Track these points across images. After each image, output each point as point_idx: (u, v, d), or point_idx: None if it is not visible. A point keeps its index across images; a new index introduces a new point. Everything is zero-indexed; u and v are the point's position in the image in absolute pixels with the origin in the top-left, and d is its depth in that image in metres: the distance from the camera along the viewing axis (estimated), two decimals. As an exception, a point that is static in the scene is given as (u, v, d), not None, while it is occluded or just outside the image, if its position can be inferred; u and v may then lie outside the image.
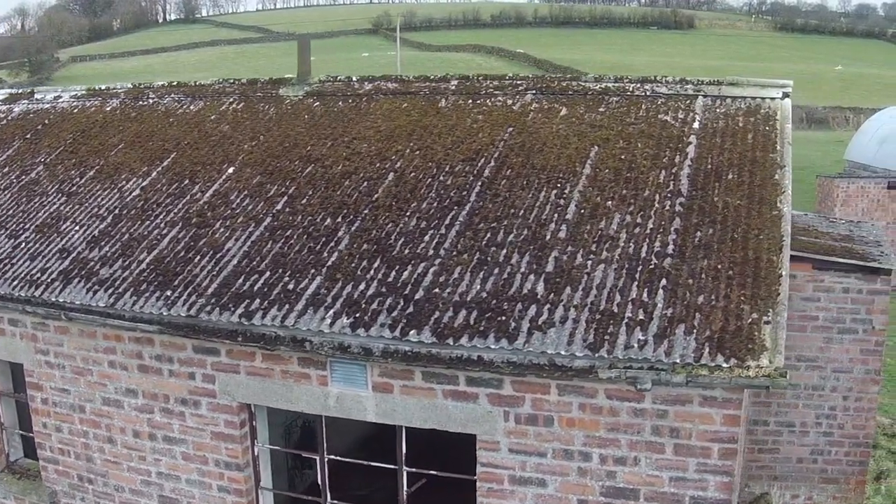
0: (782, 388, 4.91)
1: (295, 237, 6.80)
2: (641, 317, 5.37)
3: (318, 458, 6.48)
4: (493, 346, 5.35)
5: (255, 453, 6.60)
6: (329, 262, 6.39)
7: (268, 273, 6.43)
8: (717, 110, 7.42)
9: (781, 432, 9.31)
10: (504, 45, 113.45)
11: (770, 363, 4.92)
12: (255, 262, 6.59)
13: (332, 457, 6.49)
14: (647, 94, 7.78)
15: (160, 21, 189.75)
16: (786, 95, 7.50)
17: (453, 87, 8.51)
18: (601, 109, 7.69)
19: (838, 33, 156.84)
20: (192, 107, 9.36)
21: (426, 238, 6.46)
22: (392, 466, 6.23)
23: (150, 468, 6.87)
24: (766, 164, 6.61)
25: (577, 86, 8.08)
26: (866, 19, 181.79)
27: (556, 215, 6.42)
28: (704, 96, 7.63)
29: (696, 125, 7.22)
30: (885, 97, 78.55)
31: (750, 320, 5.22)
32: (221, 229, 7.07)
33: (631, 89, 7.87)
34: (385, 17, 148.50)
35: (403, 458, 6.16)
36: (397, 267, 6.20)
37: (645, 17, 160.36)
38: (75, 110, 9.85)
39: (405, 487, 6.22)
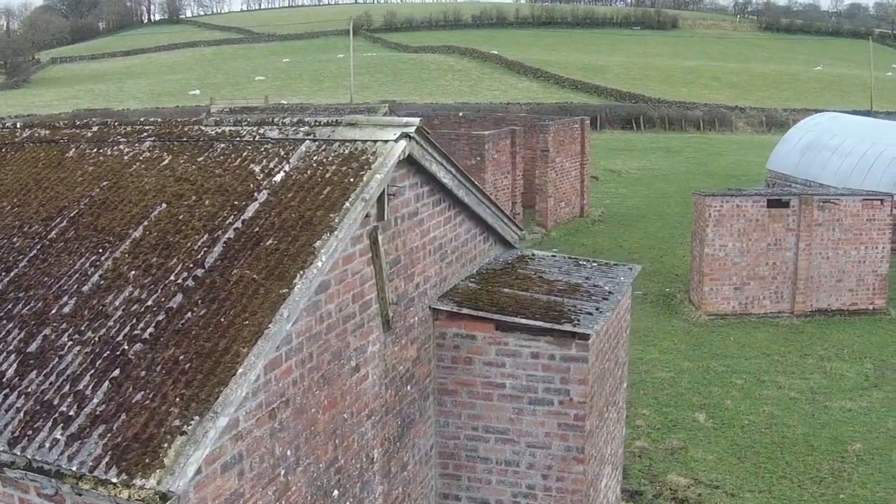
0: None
1: None
2: (73, 412, 4.72)
3: None
4: None
5: None
6: None
7: None
8: (315, 157, 6.55)
9: (475, 510, 8.46)
10: (481, 46, 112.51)
11: (157, 485, 4.12)
12: None
13: None
14: (256, 139, 6.94)
15: (144, 22, 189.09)
16: (405, 136, 6.42)
17: (90, 135, 7.72)
18: (200, 160, 6.90)
19: (824, 33, 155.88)
20: None
21: (-49, 308, 5.84)
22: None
23: None
24: (319, 227, 5.79)
25: (195, 131, 7.27)
26: (855, 19, 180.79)
27: (76, 286, 5.74)
28: (313, 140, 6.75)
29: (278, 177, 6.39)
30: (862, 97, 77.66)
31: (168, 428, 4.44)
32: None
33: (243, 134, 7.04)
34: (365, 18, 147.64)
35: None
36: None
37: (628, 17, 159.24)
38: None
39: None
